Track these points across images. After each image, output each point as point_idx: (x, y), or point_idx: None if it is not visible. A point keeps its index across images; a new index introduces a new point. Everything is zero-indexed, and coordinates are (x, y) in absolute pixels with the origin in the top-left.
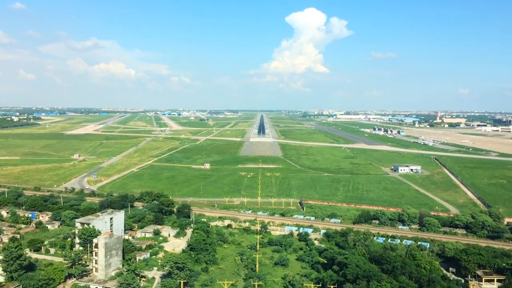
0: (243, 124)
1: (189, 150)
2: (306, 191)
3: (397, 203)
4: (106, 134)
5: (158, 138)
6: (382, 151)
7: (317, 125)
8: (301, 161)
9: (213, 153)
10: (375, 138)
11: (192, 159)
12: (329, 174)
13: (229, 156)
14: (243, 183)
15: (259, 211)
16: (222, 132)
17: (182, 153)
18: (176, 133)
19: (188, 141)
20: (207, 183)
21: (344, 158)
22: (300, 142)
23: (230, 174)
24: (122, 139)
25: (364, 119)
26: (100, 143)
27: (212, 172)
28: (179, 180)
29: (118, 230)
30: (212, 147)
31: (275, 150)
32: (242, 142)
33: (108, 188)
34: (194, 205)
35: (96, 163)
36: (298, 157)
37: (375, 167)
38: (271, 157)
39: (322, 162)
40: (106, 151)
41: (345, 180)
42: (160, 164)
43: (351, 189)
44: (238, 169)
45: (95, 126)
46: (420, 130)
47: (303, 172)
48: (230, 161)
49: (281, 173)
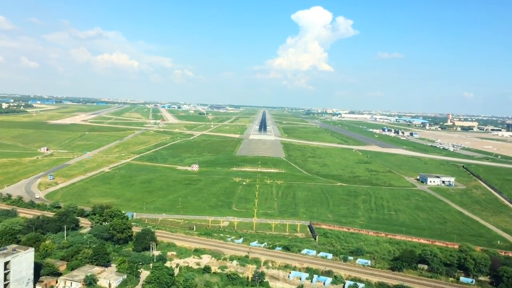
0: (243, 120)
1: (179, 147)
2: (317, 208)
3: (441, 232)
4: (92, 125)
5: (149, 131)
6: (399, 155)
7: (322, 123)
8: (307, 165)
9: (206, 151)
10: (387, 140)
11: (179, 158)
12: (343, 184)
13: (224, 155)
14: (236, 193)
15: (253, 241)
16: (220, 128)
17: (170, 150)
18: (170, 126)
19: (180, 136)
20: (190, 192)
21: (358, 163)
22: (305, 141)
23: (222, 180)
24: (109, 131)
25: (370, 119)
26: (81, 134)
27: (200, 175)
28: (156, 186)
29: (21, 281)
30: (206, 143)
31: (277, 150)
32: (240, 139)
33: (60, 195)
34: (164, 226)
35: (64, 159)
36: (303, 160)
37: (397, 176)
38: (272, 159)
39: (333, 167)
40: (84, 145)
41: (364, 193)
42: (139, 163)
43: (374, 207)
44: (232, 173)
45: (86, 116)
46: (432, 132)
47: (310, 179)
48: (224, 162)
49: (284, 181)
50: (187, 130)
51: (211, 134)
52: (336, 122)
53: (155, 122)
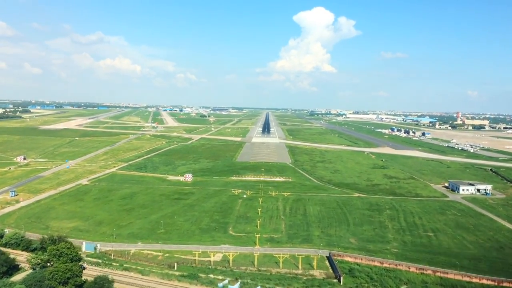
0: (246, 122)
1: (175, 152)
2: (335, 229)
3: (502, 264)
4: (86, 130)
5: (145, 135)
6: (416, 158)
7: (327, 124)
8: (317, 172)
9: (204, 157)
10: (398, 141)
11: (172, 166)
12: (362, 195)
13: (223, 162)
14: (234, 210)
15: (256, 287)
16: (222, 130)
17: (163, 157)
18: (168, 130)
19: (178, 140)
20: (179, 210)
21: (373, 168)
22: (312, 144)
23: (218, 193)
24: (102, 136)
25: (376, 119)
26: (70, 140)
27: (193, 187)
28: (138, 202)
29: None
30: (204, 148)
31: (282, 154)
32: (242, 143)
33: (15, 217)
34: (136, 263)
35: (39, 170)
36: (312, 166)
37: (421, 183)
38: (277, 165)
39: (346, 173)
40: (69, 152)
41: (389, 206)
42: (125, 172)
43: (405, 226)
44: (231, 183)
45: (82, 121)
46: (444, 132)
47: (322, 190)
48: (222, 170)
49: (291, 192)
50: (185, 134)
51: (211, 137)
52: (342, 123)
53: (153, 126)
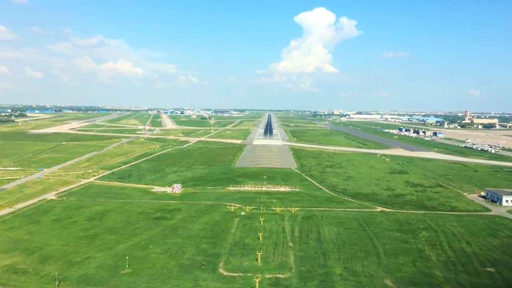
0: (247, 123)
1: (167, 158)
2: (361, 263)
3: None
4: (77, 134)
5: (138, 139)
6: (435, 160)
7: (332, 125)
8: (328, 179)
9: (199, 162)
10: (409, 141)
11: (160, 174)
12: (385, 209)
13: (220, 168)
14: (228, 235)
15: None
16: (222, 133)
17: (153, 163)
18: (165, 133)
19: (173, 144)
20: (157, 235)
21: (391, 173)
22: (318, 146)
23: (211, 209)
24: (92, 140)
25: (380, 119)
26: (56, 145)
27: (182, 201)
28: (108, 224)
29: None
30: (200, 152)
31: (286, 158)
32: (242, 146)
33: None
34: None
35: (4, 181)
36: (321, 172)
37: (452, 192)
38: (281, 171)
39: (361, 180)
40: (49, 158)
41: (423, 225)
42: (104, 183)
43: (453, 257)
44: (228, 195)
45: (77, 124)
46: (454, 131)
47: (336, 202)
48: (218, 178)
49: (300, 206)
50: (183, 137)
51: (209, 140)
52: (346, 123)
53: (149, 129)
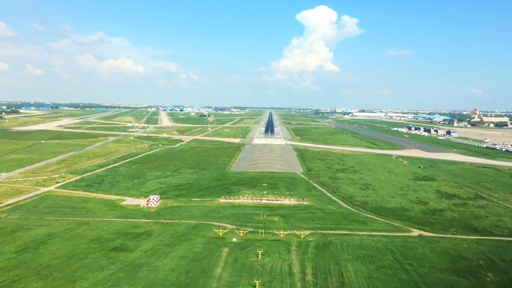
0: (248, 121)
1: (152, 159)
2: None
3: None
4: (63, 131)
5: (127, 137)
6: (461, 164)
7: (336, 123)
8: (342, 187)
9: (188, 165)
10: (423, 141)
11: (139, 181)
12: (424, 233)
13: (212, 173)
14: (210, 280)
15: None
16: (219, 130)
17: (134, 166)
18: (159, 130)
19: (164, 143)
20: (106, 281)
21: (415, 180)
22: (324, 145)
23: (191, 233)
24: (76, 138)
25: (385, 117)
26: (32, 144)
27: (156, 220)
28: (42, 260)
29: None
30: (192, 153)
31: (290, 160)
32: (241, 145)
33: None
34: None
35: None
36: (332, 177)
37: (499, 205)
38: (284, 176)
39: (382, 189)
40: (16, 160)
41: (484, 261)
42: (66, 192)
43: None
44: (217, 210)
45: (69, 121)
46: (467, 130)
47: (358, 221)
48: (208, 185)
49: (311, 228)
50: (176, 135)
51: (205, 139)
52: (351, 121)
53: (142, 126)
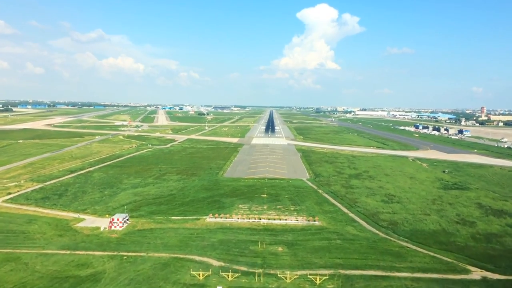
0: (248, 120)
1: (135, 163)
2: None
3: None
4: (48, 130)
5: (116, 137)
6: (490, 167)
7: (339, 121)
8: (360, 200)
9: (175, 170)
10: (435, 140)
11: (110, 191)
12: (488, 273)
13: (201, 179)
14: None
15: None
16: (217, 129)
17: (112, 171)
18: (153, 129)
19: (154, 143)
20: None
21: (445, 189)
22: (330, 146)
23: (158, 276)
24: (58, 137)
25: (388, 116)
26: (7, 144)
27: (115, 251)
28: None
29: None
30: (183, 155)
31: (294, 163)
32: (238, 146)
33: None
34: None
35: None
36: (346, 185)
37: None
38: (288, 184)
39: (409, 201)
40: None
41: None
42: (13, 207)
43: None
44: (200, 234)
45: (60, 119)
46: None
47: (393, 255)
48: (194, 197)
49: (329, 268)
50: (170, 134)
51: (200, 138)
52: (354, 120)
53: (136, 125)
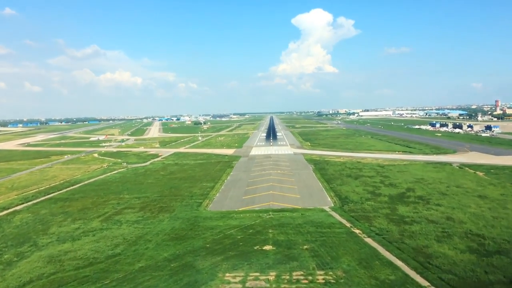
0: (247, 127)
1: (90, 193)
2: None
3: None
4: (13, 151)
5: (89, 155)
6: None
7: (345, 124)
8: (432, 249)
9: (140, 203)
10: (464, 139)
11: (15, 254)
12: None
13: (174, 217)
14: None
15: None
16: (212, 139)
17: (52, 206)
18: (137, 143)
19: (131, 161)
20: None
21: None
22: (346, 153)
23: None
24: (20, 159)
25: (393, 115)
26: None
27: None
28: None
29: None
30: (161, 176)
31: (306, 179)
32: (234, 159)
33: None
34: None
35: None
36: (393, 216)
37: None
38: (305, 222)
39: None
40: None
41: None
42: None
43: None
44: None
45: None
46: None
47: None
48: (147, 263)
49: None
50: (156, 148)
51: (189, 151)
52: (361, 121)
53: (122, 140)
